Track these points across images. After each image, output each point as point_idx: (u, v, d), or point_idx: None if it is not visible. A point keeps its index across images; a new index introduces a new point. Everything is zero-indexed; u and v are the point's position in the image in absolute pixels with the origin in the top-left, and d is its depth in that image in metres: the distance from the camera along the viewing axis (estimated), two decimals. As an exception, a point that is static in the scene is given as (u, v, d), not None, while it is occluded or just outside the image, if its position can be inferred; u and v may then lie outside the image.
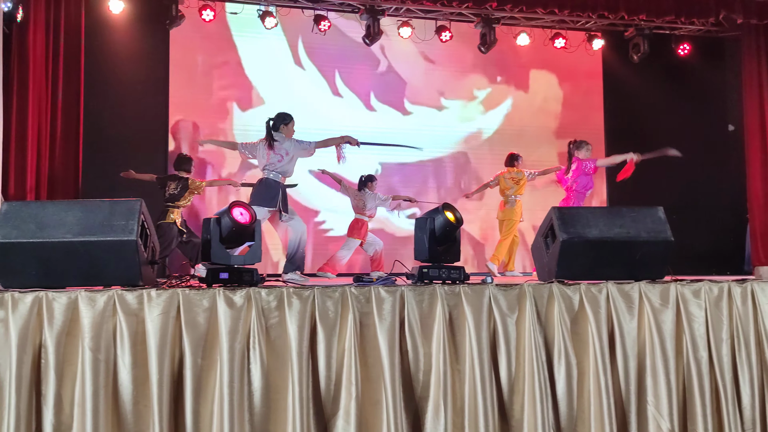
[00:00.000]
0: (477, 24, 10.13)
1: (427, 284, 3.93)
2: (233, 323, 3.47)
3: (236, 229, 3.80)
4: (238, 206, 3.87)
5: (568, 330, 3.88)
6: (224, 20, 9.65)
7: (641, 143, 10.46)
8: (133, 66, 9.28)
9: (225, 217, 3.83)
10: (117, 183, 8.55)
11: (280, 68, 10.08)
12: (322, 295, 3.63)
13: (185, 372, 3.42)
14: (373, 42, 9.83)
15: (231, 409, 3.37)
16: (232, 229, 3.80)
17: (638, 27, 10.40)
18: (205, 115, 9.72)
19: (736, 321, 4.10)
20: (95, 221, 3.60)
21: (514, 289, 3.88)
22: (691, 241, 8.88)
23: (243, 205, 3.89)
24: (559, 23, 10.58)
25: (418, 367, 3.71)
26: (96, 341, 3.35)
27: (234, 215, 3.81)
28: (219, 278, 3.75)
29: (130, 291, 3.46)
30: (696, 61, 10.93)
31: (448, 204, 4.39)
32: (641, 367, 3.94)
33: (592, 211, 4.38)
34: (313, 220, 10.02)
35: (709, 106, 10.97)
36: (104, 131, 8.93)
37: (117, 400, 3.37)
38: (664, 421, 3.86)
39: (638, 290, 4.01)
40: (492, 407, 3.67)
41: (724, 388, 3.99)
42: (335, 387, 3.58)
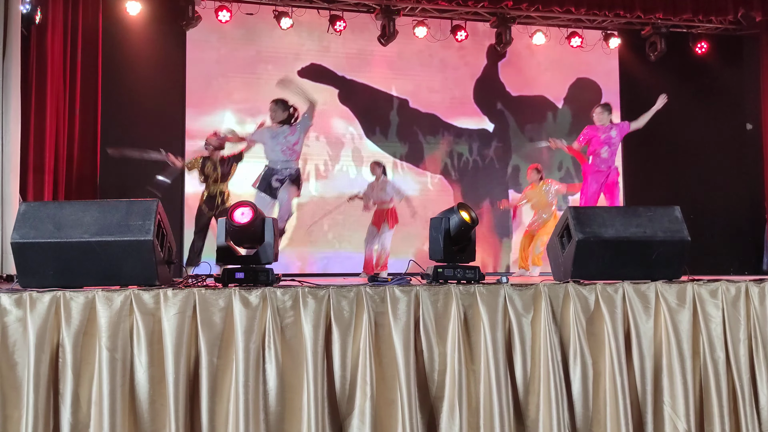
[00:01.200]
0: (493, 23, 10.11)
1: (442, 284, 3.93)
2: (248, 323, 3.48)
3: (237, 230, 3.79)
4: (240, 206, 3.83)
5: (584, 330, 3.86)
6: (241, 21, 9.68)
7: (658, 143, 10.44)
8: (150, 67, 9.35)
9: (227, 219, 3.80)
10: (134, 183, 8.61)
11: (296, 69, 10.11)
12: (337, 294, 3.64)
13: (201, 371, 3.43)
14: (388, 42, 9.84)
15: (246, 408, 3.38)
16: (234, 230, 3.79)
17: (655, 25, 10.34)
18: (224, 116, 9.75)
19: (753, 321, 4.07)
20: (112, 221, 3.62)
21: (529, 289, 3.87)
22: (709, 240, 8.85)
23: (247, 204, 3.86)
24: (575, 22, 10.54)
25: (433, 367, 3.71)
26: (113, 340, 3.37)
27: (234, 217, 3.78)
28: (235, 278, 3.76)
29: (147, 290, 3.48)
30: (714, 59, 10.86)
31: (464, 203, 4.38)
32: (657, 367, 3.92)
33: (608, 210, 4.36)
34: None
35: (727, 105, 10.89)
36: (122, 132, 9.00)
37: (133, 399, 3.39)
38: (681, 422, 3.84)
39: (655, 290, 3.99)
40: (507, 407, 3.67)
41: (742, 388, 3.96)
42: (350, 387, 3.58)
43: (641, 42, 10.71)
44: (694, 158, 9.10)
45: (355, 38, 10.14)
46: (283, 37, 9.83)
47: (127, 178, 8.81)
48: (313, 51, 10.12)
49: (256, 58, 9.91)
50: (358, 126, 10.22)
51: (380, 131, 10.20)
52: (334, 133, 10.13)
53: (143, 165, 8.85)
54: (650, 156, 10.12)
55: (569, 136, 10.67)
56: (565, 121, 11.03)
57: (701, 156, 9.22)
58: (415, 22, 9.96)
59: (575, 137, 9.74)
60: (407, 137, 10.42)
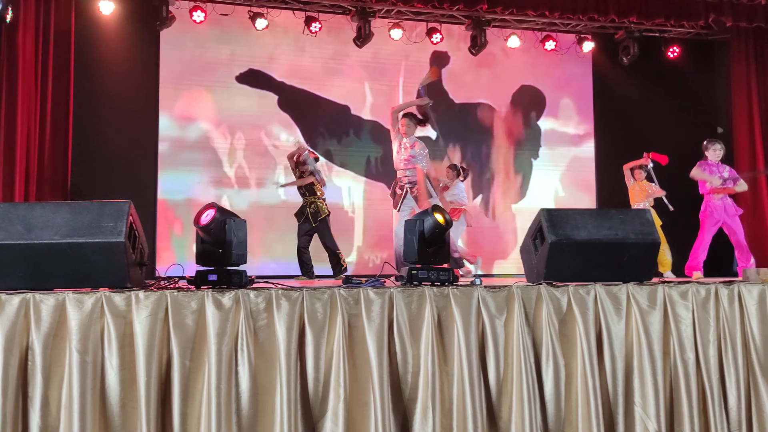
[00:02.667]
0: (468, 26, 10.15)
1: (416, 286, 3.93)
2: (221, 325, 3.46)
3: (203, 232, 3.77)
4: (207, 208, 3.80)
5: (557, 332, 3.89)
6: (215, 21, 9.61)
7: (631, 145, 10.55)
8: (123, 67, 9.27)
9: (194, 220, 3.80)
10: (106, 184, 8.54)
11: (272, 68, 10.06)
12: (311, 296, 3.63)
13: (173, 374, 3.41)
14: (363, 44, 9.83)
15: (219, 411, 3.36)
16: (201, 232, 3.78)
17: (628, 29, 10.44)
18: (198, 117, 9.69)
19: (723, 323, 4.12)
20: (83, 223, 3.59)
21: (502, 290, 3.89)
22: (681, 243, 8.94)
23: (211, 206, 3.82)
24: (549, 26, 10.61)
25: (407, 369, 3.71)
26: (83, 343, 3.34)
27: (200, 219, 3.77)
28: (207, 280, 3.74)
29: (118, 293, 3.45)
30: (685, 63, 10.99)
31: (438, 206, 4.40)
32: (629, 368, 3.95)
33: (581, 212, 4.39)
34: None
35: (698, 109, 11.02)
36: (94, 132, 8.92)
37: (104, 402, 3.36)
38: (651, 423, 3.88)
39: (626, 292, 4.03)
40: (480, 409, 3.68)
41: (711, 389, 4.01)
42: (323, 389, 3.58)
43: (614, 46, 10.81)
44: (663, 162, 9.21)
45: (331, 40, 10.11)
46: (259, 38, 9.79)
47: (99, 179, 8.74)
48: (288, 52, 10.07)
49: (230, 59, 9.85)
50: (298, 133, 10.08)
51: (322, 138, 10.04)
52: (273, 140, 9.96)
53: (115, 166, 8.81)
54: (623, 159, 10.20)
55: (509, 140, 10.72)
56: (509, 128, 10.98)
57: (672, 159, 9.31)
58: (390, 24, 9.97)
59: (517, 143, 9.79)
60: (349, 144, 10.32)
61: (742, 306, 4.17)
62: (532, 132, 11.13)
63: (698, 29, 10.66)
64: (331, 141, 10.18)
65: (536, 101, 11.17)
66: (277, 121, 10.02)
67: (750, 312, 4.17)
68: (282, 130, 10.03)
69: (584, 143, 11.22)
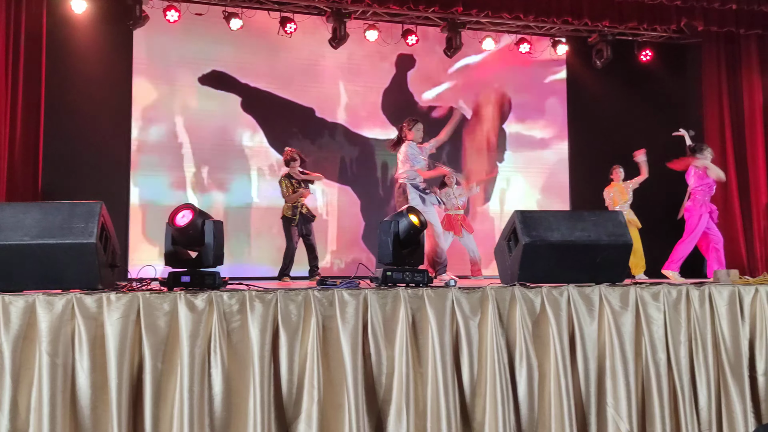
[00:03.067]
0: (443, 28, 10.17)
1: (391, 287, 3.94)
2: (194, 327, 3.44)
3: (177, 232, 3.74)
4: (182, 209, 3.77)
5: (530, 333, 3.91)
6: (189, 21, 9.53)
7: (603, 148, 10.64)
8: (96, 67, 9.15)
9: (169, 221, 3.76)
10: (78, 185, 8.44)
11: (246, 69, 10.01)
12: (285, 298, 3.62)
13: (145, 376, 3.38)
14: (339, 45, 9.81)
15: (191, 413, 3.34)
16: (175, 232, 3.75)
17: (602, 33, 10.52)
18: (171, 117, 9.60)
19: (693, 323, 4.17)
20: (54, 223, 3.55)
21: (476, 292, 3.90)
22: (654, 244, 9.03)
23: (188, 207, 3.80)
24: (524, 28, 10.66)
25: (381, 371, 3.71)
26: (54, 345, 3.30)
27: (175, 220, 3.74)
28: (180, 281, 3.71)
29: (89, 294, 3.41)
30: (658, 67, 11.11)
31: (413, 207, 4.41)
32: (601, 369, 3.98)
33: (554, 214, 4.42)
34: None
35: (670, 111, 11.12)
36: (65, 132, 8.81)
37: (75, 405, 3.32)
38: (623, 423, 3.91)
39: (598, 293, 4.06)
40: (454, 410, 3.69)
41: (682, 389, 4.05)
42: (297, 391, 3.56)
43: (588, 49, 10.89)
44: (634, 164, 9.30)
45: (306, 41, 10.07)
46: (234, 38, 9.72)
47: (70, 181, 8.64)
48: (262, 52, 10.02)
49: (204, 59, 9.78)
50: (262, 135, 10.00)
51: (285, 140, 9.92)
52: (237, 142, 9.89)
53: (87, 167, 8.71)
54: (595, 161, 10.28)
55: (478, 144, 10.73)
56: (475, 131, 10.96)
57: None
58: (366, 25, 9.97)
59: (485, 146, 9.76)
60: (313, 147, 10.11)
61: (712, 307, 4.23)
62: (503, 135, 11.14)
63: (670, 33, 10.76)
64: (304, 142, 10.13)
65: (508, 104, 11.19)
66: (251, 122, 9.95)
67: (720, 313, 4.22)
68: (256, 131, 9.95)
69: (557, 146, 11.27)
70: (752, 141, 10.29)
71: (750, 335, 4.29)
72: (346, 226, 10.22)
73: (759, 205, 10.20)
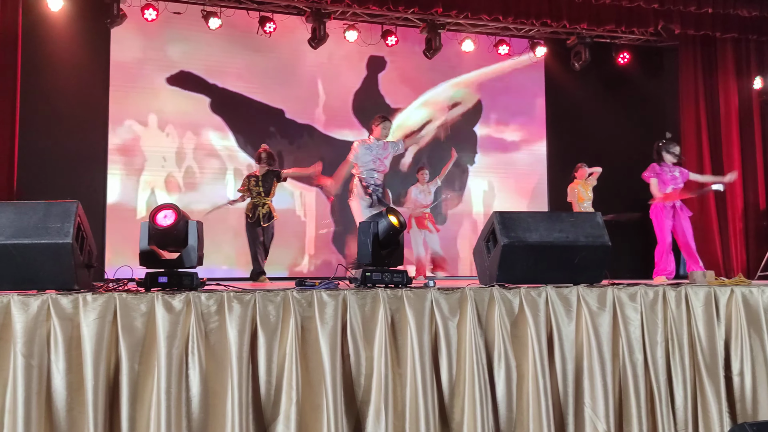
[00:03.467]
0: (423, 29, 10.18)
1: (370, 288, 3.93)
2: (171, 328, 3.41)
3: (159, 233, 3.71)
4: (163, 209, 3.74)
5: (508, 333, 3.92)
6: (168, 20, 9.47)
7: (581, 150, 10.72)
8: (73, 66, 9.08)
9: (150, 221, 3.72)
10: (54, 185, 8.36)
11: (224, 68, 9.96)
12: (264, 299, 3.60)
13: (121, 378, 3.35)
14: (318, 45, 9.80)
15: (168, 415, 3.31)
16: (156, 233, 3.72)
17: (580, 35, 10.60)
18: (148, 117, 9.53)
19: (670, 324, 4.20)
20: (29, 223, 3.51)
21: (455, 292, 3.91)
22: (628, 246, 9.11)
23: (170, 207, 3.78)
24: (503, 30, 10.71)
25: (360, 371, 3.71)
26: (29, 346, 3.27)
27: (156, 220, 3.70)
28: (158, 282, 3.68)
29: (65, 295, 3.38)
30: (635, 69, 11.21)
31: (392, 208, 4.40)
32: (579, 369, 4.00)
33: (533, 215, 4.44)
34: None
35: (647, 114, 11.24)
36: (41, 131, 8.73)
37: (50, 407, 3.29)
38: (601, 423, 3.93)
39: (576, 294, 4.08)
40: (433, 411, 3.69)
41: (659, 389, 4.08)
42: (275, 392, 3.55)
43: (566, 51, 10.96)
44: (615, 165, 9.37)
45: (285, 41, 10.04)
46: (212, 37, 9.68)
47: (46, 180, 8.55)
48: (241, 52, 9.97)
49: (182, 59, 9.72)
50: (230, 137, 9.90)
51: (254, 142, 9.82)
52: (205, 144, 9.79)
53: (63, 166, 8.62)
54: (573, 162, 10.35)
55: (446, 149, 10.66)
56: (455, 133, 10.93)
57: (622, 163, 9.49)
58: (345, 26, 9.96)
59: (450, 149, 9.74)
60: (283, 149, 10.07)
61: (689, 308, 4.26)
62: (477, 136, 11.14)
63: (648, 36, 10.87)
64: (282, 141, 10.09)
65: (487, 105, 11.21)
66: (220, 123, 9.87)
67: (696, 314, 4.26)
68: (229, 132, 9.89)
69: (536, 147, 11.32)
70: (728, 142, 10.41)
71: (726, 336, 4.33)
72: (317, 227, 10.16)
73: (734, 207, 10.32)
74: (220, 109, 9.89)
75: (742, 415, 4.25)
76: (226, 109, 9.92)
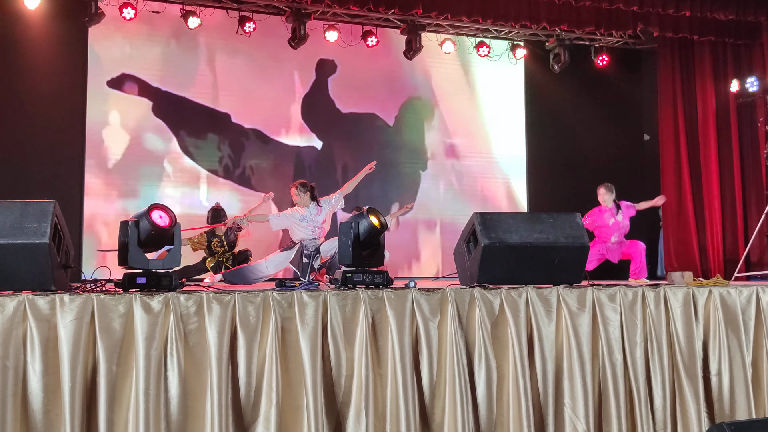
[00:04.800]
0: (403, 30, 10.19)
1: (351, 289, 3.92)
2: (150, 329, 3.38)
3: (155, 233, 3.71)
4: (157, 209, 3.78)
5: (489, 334, 3.92)
6: (146, 19, 9.39)
7: (560, 151, 10.78)
8: (50, 65, 8.96)
9: (143, 220, 3.73)
10: (31, 185, 8.27)
11: (203, 69, 9.89)
12: (243, 300, 3.58)
13: (99, 379, 3.32)
14: (298, 46, 9.76)
15: (147, 417, 3.28)
16: (151, 232, 3.71)
17: (559, 37, 10.64)
18: (126, 117, 9.44)
19: (649, 324, 4.23)
20: (5, 223, 3.47)
21: (436, 293, 3.91)
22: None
23: (163, 207, 3.80)
24: (483, 32, 10.73)
25: (340, 372, 3.70)
26: (4, 348, 3.23)
27: (153, 218, 3.72)
28: (136, 283, 3.65)
29: (42, 296, 3.34)
30: (614, 71, 11.27)
31: (373, 208, 4.39)
32: (559, 369, 4.02)
33: (513, 216, 4.46)
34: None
35: (626, 116, 11.31)
36: (17, 130, 8.62)
37: (26, 409, 3.25)
38: (580, 423, 3.95)
39: (556, 294, 4.09)
40: (413, 411, 3.69)
41: (638, 389, 4.10)
42: (255, 393, 3.53)
43: (546, 53, 11.00)
44: (594, 167, 9.44)
45: (267, 41, 9.98)
46: (191, 37, 9.61)
47: (23, 181, 8.46)
48: (221, 52, 9.91)
49: (161, 58, 9.64)
50: (173, 141, 9.60)
51: (198, 146, 9.64)
52: (148, 149, 9.49)
53: (39, 167, 8.53)
54: (552, 164, 10.41)
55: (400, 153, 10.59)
56: (396, 139, 10.86)
57: (601, 165, 9.57)
58: (326, 26, 9.93)
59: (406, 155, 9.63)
60: (228, 153, 9.86)
61: (667, 308, 4.29)
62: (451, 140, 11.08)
63: (626, 38, 10.95)
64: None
65: (467, 108, 11.20)
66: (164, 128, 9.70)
67: (675, 314, 4.29)
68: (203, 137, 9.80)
69: (516, 150, 11.32)
70: (705, 144, 10.49)
71: (704, 336, 4.37)
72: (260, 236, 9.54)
73: (712, 208, 10.41)
74: (162, 112, 9.64)
75: (720, 415, 4.28)
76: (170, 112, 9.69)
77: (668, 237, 10.35)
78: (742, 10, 9.92)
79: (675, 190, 10.32)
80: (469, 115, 11.09)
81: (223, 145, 9.85)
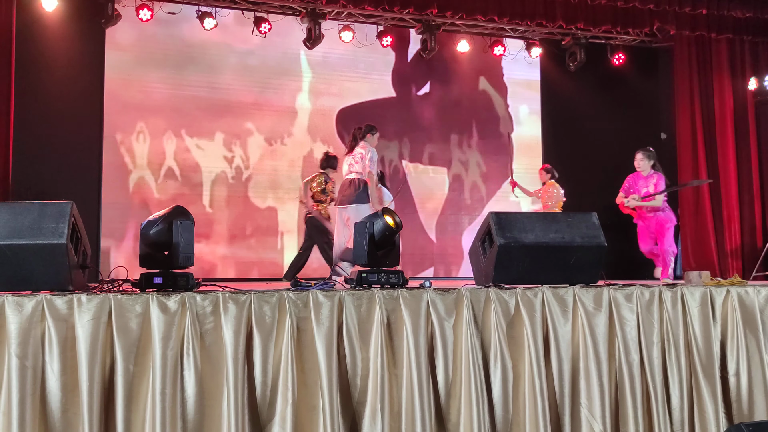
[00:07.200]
0: (418, 30, 10.18)
1: (366, 289, 3.92)
2: (167, 329, 3.40)
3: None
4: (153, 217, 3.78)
5: (505, 334, 3.91)
6: (163, 20, 9.44)
7: (576, 151, 10.73)
8: (67, 66, 9.04)
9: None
10: (49, 185, 8.34)
11: (219, 70, 9.93)
12: (259, 299, 3.59)
13: (116, 379, 3.34)
14: (314, 46, 9.79)
15: (163, 416, 3.30)
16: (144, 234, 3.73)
17: (575, 36, 10.61)
18: (143, 117, 9.49)
19: (666, 324, 4.20)
20: (24, 224, 3.49)
21: (451, 293, 3.90)
22: (624, 246, 9.09)
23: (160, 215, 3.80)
24: (498, 31, 10.71)
25: (356, 372, 3.70)
26: (23, 347, 3.25)
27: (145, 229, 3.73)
28: (153, 283, 3.67)
29: (60, 296, 3.36)
30: (630, 70, 11.21)
31: (388, 208, 4.40)
32: (575, 370, 4.00)
33: (529, 216, 4.44)
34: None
35: (642, 115, 11.25)
36: (36, 132, 8.70)
37: (45, 408, 3.27)
38: (597, 423, 3.93)
39: (572, 294, 4.07)
40: (429, 411, 3.68)
41: (655, 390, 4.08)
42: (271, 393, 3.54)
43: (562, 52, 10.96)
44: (610, 166, 9.37)
45: (281, 41, 10.02)
46: (207, 38, 9.65)
47: (41, 180, 8.53)
48: (236, 53, 9.95)
49: (177, 59, 9.69)
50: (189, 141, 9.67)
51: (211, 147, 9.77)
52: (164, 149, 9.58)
53: (58, 166, 8.60)
54: (569, 163, 10.34)
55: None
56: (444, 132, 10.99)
57: (618, 164, 9.48)
58: (341, 26, 9.95)
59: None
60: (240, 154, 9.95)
61: (684, 308, 4.26)
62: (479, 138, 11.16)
63: (643, 37, 10.88)
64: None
65: (484, 107, 11.21)
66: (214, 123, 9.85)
67: (692, 314, 4.26)
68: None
69: (533, 148, 11.30)
70: (723, 143, 10.42)
71: (721, 336, 4.34)
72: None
73: (730, 207, 10.33)
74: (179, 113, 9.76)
75: (739, 415, 4.25)
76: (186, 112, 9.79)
77: (686, 236, 10.28)
78: (760, 8, 9.86)
79: (692, 190, 10.24)
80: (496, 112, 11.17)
81: (234, 146, 9.93)
